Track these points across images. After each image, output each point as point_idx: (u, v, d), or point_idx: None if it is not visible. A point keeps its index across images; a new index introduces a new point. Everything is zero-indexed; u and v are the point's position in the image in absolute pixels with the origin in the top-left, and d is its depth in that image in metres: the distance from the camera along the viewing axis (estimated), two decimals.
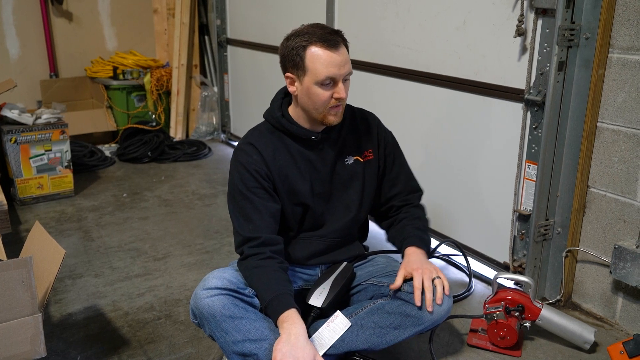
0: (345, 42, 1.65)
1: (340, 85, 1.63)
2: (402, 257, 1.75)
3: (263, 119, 1.80)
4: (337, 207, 1.80)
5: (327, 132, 1.75)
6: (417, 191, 1.90)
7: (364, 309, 1.69)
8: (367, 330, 1.64)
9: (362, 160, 1.81)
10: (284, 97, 1.78)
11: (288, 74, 1.67)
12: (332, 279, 1.74)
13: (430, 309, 1.60)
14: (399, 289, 1.67)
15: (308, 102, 1.66)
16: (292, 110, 1.75)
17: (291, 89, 1.68)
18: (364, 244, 1.96)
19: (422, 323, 1.63)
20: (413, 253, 1.72)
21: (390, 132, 1.89)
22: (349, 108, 1.83)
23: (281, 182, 1.72)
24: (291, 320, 1.48)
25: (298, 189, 1.73)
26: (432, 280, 1.63)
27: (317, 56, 1.59)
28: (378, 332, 1.64)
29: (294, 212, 1.76)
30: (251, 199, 1.67)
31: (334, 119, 1.68)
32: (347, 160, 1.79)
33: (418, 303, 1.60)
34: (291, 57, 1.63)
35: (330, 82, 1.61)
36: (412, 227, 1.80)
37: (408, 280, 1.67)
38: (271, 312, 1.53)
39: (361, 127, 1.82)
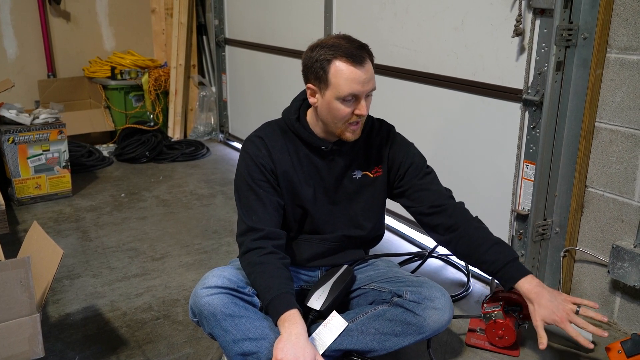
0: (371, 57, 1.61)
1: (362, 102, 1.60)
2: (506, 287, 1.68)
3: (264, 120, 1.80)
4: (340, 218, 1.80)
5: (340, 145, 1.73)
6: (449, 193, 1.81)
7: (364, 315, 1.68)
8: (367, 336, 1.65)
9: (371, 176, 1.79)
10: (304, 100, 1.75)
11: (310, 85, 1.64)
12: (331, 282, 1.74)
13: (591, 346, 1.61)
14: (401, 296, 1.67)
15: (328, 115, 1.63)
16: (309, 115, 1.73)
17: (311, 100, 1.66)
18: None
19: (423, 332, 1.63)
20: (535, 291, 1.62)
21: (409, 145, 1.83)
22: (369, 119, 1.80)
23: (284, 181, 1.71)
24: (292, 320, 1.47)
25: (300, 192, 1.73)
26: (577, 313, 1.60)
27: (341, 72, 1.56)
28: (378, 338, 1.64)
29: (294, 212, 1.76)
30: (256, 191, 1.67)
31: (351, 135, 1.66)
32: (355, 174, 1.78)
33: (591, 345, 1.61)
34: (314, 69, 1.60)
35: (352, 99, 1.59)
36: (489, 248, 1.69)
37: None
38: (272, 312, 1.52)
39: (375, 142, 1.79)
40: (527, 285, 1.63)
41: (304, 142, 1.72)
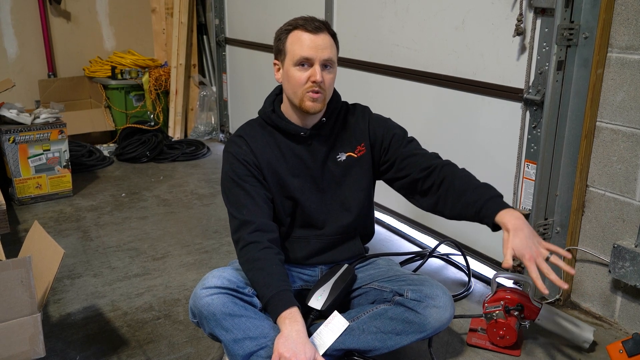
0: (330, 31, 1.67)
1: (317, 67, 1.63)
2: (489, 224, 1.58)
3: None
4: (332, 204, 1.79)
5: (317, 129, 1.75)
6: (435, 154, 1.79)
7: (366, 313, 1.68)
8: (369, 334, 1.64)
9: (355, 156, 1.79)
10: (278, 94, 1.80)
11: (274, 62, 1.73)
12: (332, 281, 1.74)
13: (546, 291, 1.48)
14: (402, 294, 1.67)
15: (288, 86, 1.69)
16: (283, 106, 1.76)
17: (277, 76, 1.73)
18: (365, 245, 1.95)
19: (425, 330, 1.63)
20: (513, 224, 1.51)
21: (386, 120, 1.84)
22: (344, 105, 1.83)
23: (270, 174, 1.72)
24: (293, 318, 1.48)
25: (287, 183, 1.74)
26: (547, 260, 1.51)
27: (296, 38, 1.64)
28: (380, 337, 1.64)
29: (284, 205, 1.76)
30: (243, 187, 1.68)
31: (311, 104, 1.66)
32: (339, 157, 1.78)
33: (546, 291, 1.48)
34: (276, 44, 1.70)
35: (305, 64, 1.63)
36: (473, 190, 1.62)
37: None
38: (272, 309, 1.52)
39: (352, 122, 1.81)
40: (509, 216, 1.53)
41: (283, 132, 1.75)
